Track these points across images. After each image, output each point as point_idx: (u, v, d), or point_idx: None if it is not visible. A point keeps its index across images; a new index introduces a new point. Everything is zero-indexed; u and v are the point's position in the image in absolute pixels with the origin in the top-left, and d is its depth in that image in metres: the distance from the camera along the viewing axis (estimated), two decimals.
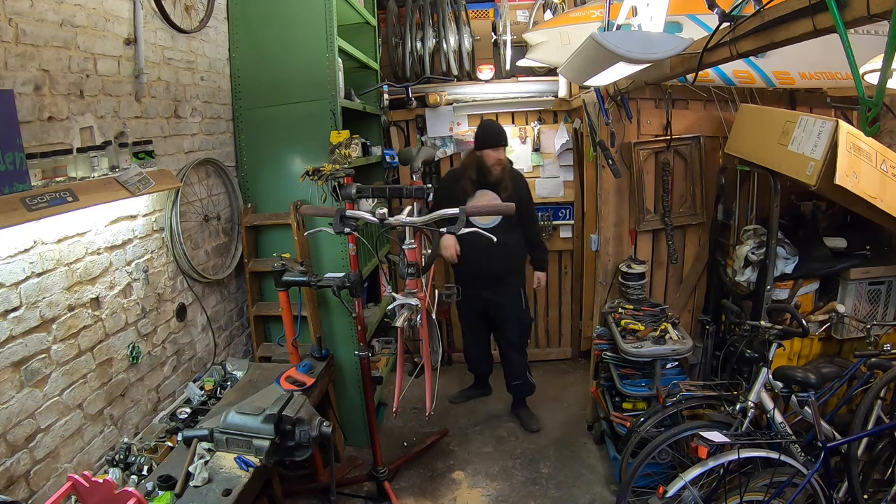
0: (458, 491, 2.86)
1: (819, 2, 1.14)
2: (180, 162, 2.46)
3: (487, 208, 2.86)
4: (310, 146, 2.89)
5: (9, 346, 1.57)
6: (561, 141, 3.93)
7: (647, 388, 2.71)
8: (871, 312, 2.67)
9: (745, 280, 2.72)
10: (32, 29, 1.67)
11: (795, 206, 2.88)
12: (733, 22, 1.50)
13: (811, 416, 2.03)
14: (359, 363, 2.72)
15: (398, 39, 3.83)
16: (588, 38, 1.68)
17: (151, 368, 2.23)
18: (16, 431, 1.59)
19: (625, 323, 2.78)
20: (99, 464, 1.91)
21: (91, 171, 1.79)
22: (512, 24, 3.79)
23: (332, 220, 2.20)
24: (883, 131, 2.89)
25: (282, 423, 1.86)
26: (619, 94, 2.80)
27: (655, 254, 3.14)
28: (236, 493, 1.68)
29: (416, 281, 2.18)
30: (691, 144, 2.99)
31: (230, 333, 2.90)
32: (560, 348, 4.37)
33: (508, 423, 3.45)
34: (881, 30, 1.83)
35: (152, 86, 2.26)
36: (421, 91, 3.94)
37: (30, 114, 1.66)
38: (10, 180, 1.45)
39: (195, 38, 2.59)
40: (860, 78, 1.18)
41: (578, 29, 2.73)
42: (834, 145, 2.08)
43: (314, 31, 2.82)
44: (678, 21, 2.35)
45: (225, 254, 2.86)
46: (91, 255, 1.91)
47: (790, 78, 2.55)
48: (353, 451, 3.12)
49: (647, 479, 2.46)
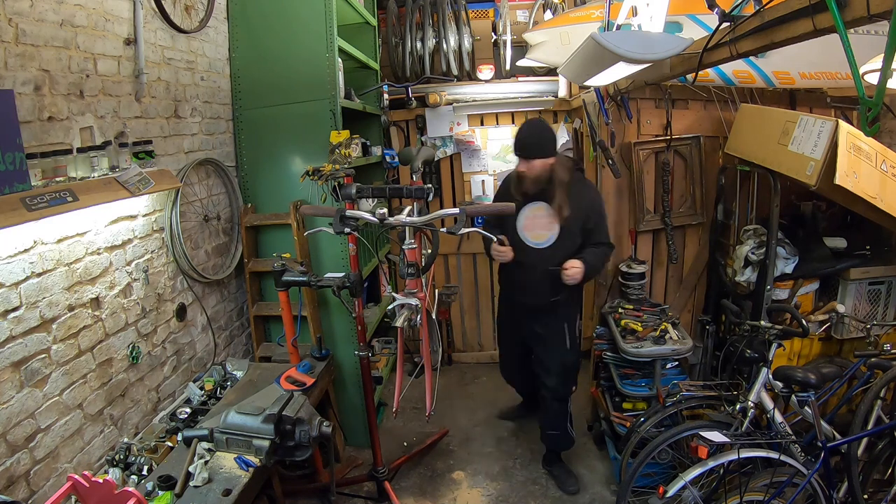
0: (459, 491, 2.86)
1: (819, 2, 1.14)
2: (180, 162, 2.46)
3: (488, 209, 2.83)
4: (310, 146, 2.89)
5: (9, 346, 1.57)
6: (561, 141, 3.92)
7: (647, 388, 2.70)
8: (871, 312, 2.67)
9: (745, 280, 2.72)
10: (32, 29, 1.67)
11: (795, 206, 2.88)
12: (733, 22, 1.50)
13: (811, 416, 2.03)
14: (359, 363, 2.72)
15: (398, 39, 3.83)
16: (588, 38, 1.68)
17: (151, 368, 2.22)
18: (16, 431, 1.59)
19: (625, 323, 2.78)
20: (99, 464, 1.91)
21: (91, 171, 1.79)
22: (512, 24, 3.79)
23: (332, 220, 2.20)
24: (883, 131, 2.89)
25: (282, 423, 1.86)
26: (619, 94, 2.80)
27: (655, 254, 3.14)
28: (236, 493, 1.68)
29: (416, 281, 2.17)
30: (691, 144, 3.00)
31: (230, 333, 2.90)
32: None
33: (508, 423, 3.45)
34: (881, 30, 1.83)
35: (152, 86, 2.26)
36: (421, 91, 3.94)
37: (30, 114, 1.66)
38: (10, 180, 1.45)
39: (195, 38, 2.59)
40: (860, 78, 1.18)
41: (578, 29, 2.73)
42: (834, 145, 2.08)
43: (314, 31, 2.81)
44: (678, 21, 2.35)
45: (225, 254, 2.86)
46: (91, 255, 1.91)
47: (790, 78, 2.55)
48: (353, 451, 3.12)
49: (647, 479, 2.46)
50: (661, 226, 3.04)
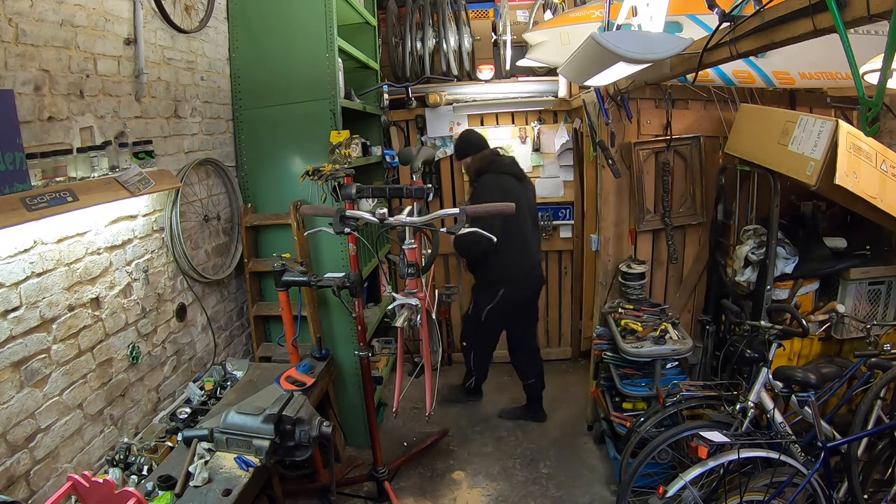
0: (458, 491, 2.86)
1: (819, 2, 1.14)
2: (180, 162, 2.46)
3: (488, 209, 2.84)
4: (310, 146, 2.89)
5: (9, 346, 1.57)
6: (561, 141, 3.92)
7: (647, 388, 2.71)
8: (871, 312, 2.67)
9: (745, 280, 2.72)
10: (32, 29, 1.66)
11: (795, 206, 2.88)
12: (733, 22, 1.50)
13: (811, 416, 2.03)
14: (359, 363, 2.72)
15: (398, 39, 3.83)
16: (588, 38, 1.68)
17: (151, 368, 2.22)
18: (16, 431, 1.59)
19: (625, 323, 2.78)
20: (99, 464, 1.91)
21: (91, 171, 1.79)
22: (512, 24, 3.79)
23: (332, 220, 2.20)
24: (883, 131, 2.89)
25: (282, 423, 1.86)
26: (619, 94, 2.80)
27: (655, 254, 3.14)
28: (236, 493, 1.68)
29: (416, 281, 2.17)
30: (691, 144, 2.99)
31: (230, 333, 2.90)
32: (560, 348, 4.38)
33: (508, 424, 3.45)
34: (881, 30, 1.83)
35: (152, 86, 2.26)
36: (421, 91, 3.94)
37: (30, 114, 1.66)
38: (10, 180, 1.45)
39: (195, 38, 2.59)
40: (860, 78, 1.18)
41: (578, 29, 2.73)
42: (834, 145, 2.08)
43: (314, 31, 2.81)
44: (678, 21, 2.35)
45: (225, 254, 2.86)
46: (91, 255, 1.91)
47: (790, 78, 2.55)
48: (353, 451, 3.12)
49: (647, 479, 2.46)
50: (661, 226, 3.04)
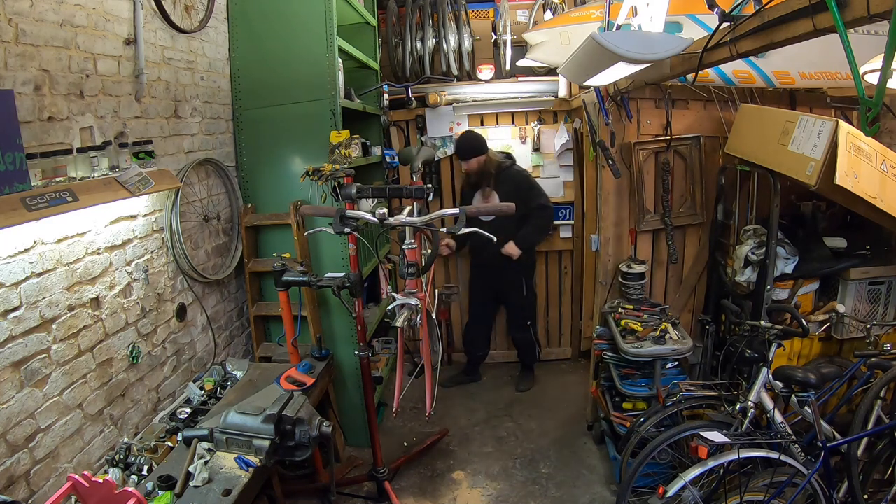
0: (458, 491, 2.86)
1: (819, 2, 1.14)
2: (180, 162, 2.46)
3: (488, 209, 2.85)
4: (310, 146, 2.89)
5: (9, 346, 1.57)
6: (561, 141, 3.92)
7: (647, 388, 2.70)
8: (871, 312, 2.67)
9: (745, 280, 2.71)
10: (32, 29, 1.67)
11: (795, 206, 2.88)
12: (733, 22, 1.50)
13: (811, 416, 2.03)
14: (359, 363, 2.72)
15: (398, 39, 3.83)
16: (588, 38, 1.68)
17: (151, 368, 2.22)
18: (16, 431, 1.59)
19: (625, 323, 2.78)
20: (99, 464, 1.91)
21: (91, 171, 1.79)
22: (512, 24, 3.79)
23: (332, 220, 2.20)
24: (883, 131, 2.89)
25: (282, 423, 1.86)
26: (619, 94, 2.80)
27: (655, 254, 3.14)
28: (236, 493, 1.68)
29: (416, 281, 2.18)
30: (691, 144, 2.99)
31: (230, 333, 2.90)
32: (560, 348, 4.37)
33: (508, 424, 3.45)
34: (881, 30, 1.83)
35: (152, 86, 2.26)
36: (421, 91, 3.93)
37: (30, 114, 1.66)
38: (10, 180, 1.45)
39: (195, 38, 2.59)
40: (860, 78, 1.18)
41: (578, 29, 2.72)
42: (834, 145, 2.08)
43: (314, 31, 2.82)
44: (678, 21, 2.35)
45: (225, 254, 2.86)
46: (91, 255, 1.91)
47: (790, 78, 2.55)
48: (353, 451, 3.12)
49: (647, 479, 2.46)
50: (661, 226, 3.04)
